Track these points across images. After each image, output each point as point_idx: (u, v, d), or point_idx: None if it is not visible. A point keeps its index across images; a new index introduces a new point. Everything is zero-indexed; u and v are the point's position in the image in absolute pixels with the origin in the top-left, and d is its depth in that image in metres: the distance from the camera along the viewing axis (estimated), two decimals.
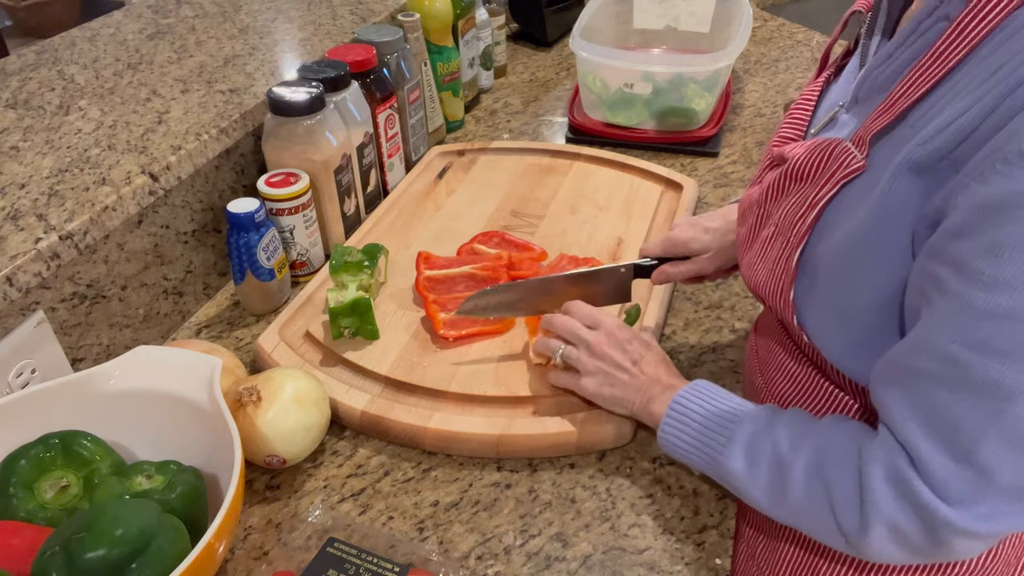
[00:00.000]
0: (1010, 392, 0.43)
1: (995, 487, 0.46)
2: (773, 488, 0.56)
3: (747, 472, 0.57)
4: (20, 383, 0.70)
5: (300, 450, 0.69)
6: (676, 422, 0.62)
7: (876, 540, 0.51)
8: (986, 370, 0.44)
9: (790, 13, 1.97)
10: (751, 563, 0.73)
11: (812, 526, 0.55)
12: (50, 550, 0.51)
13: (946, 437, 0.46)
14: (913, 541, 0.50)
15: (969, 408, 0.45)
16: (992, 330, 0.43)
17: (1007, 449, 0.45)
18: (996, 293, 0.43)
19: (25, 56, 1.07)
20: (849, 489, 0.51)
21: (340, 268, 0.85)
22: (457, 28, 1.25)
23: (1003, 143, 0.42)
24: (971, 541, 0.48)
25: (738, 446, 0.58)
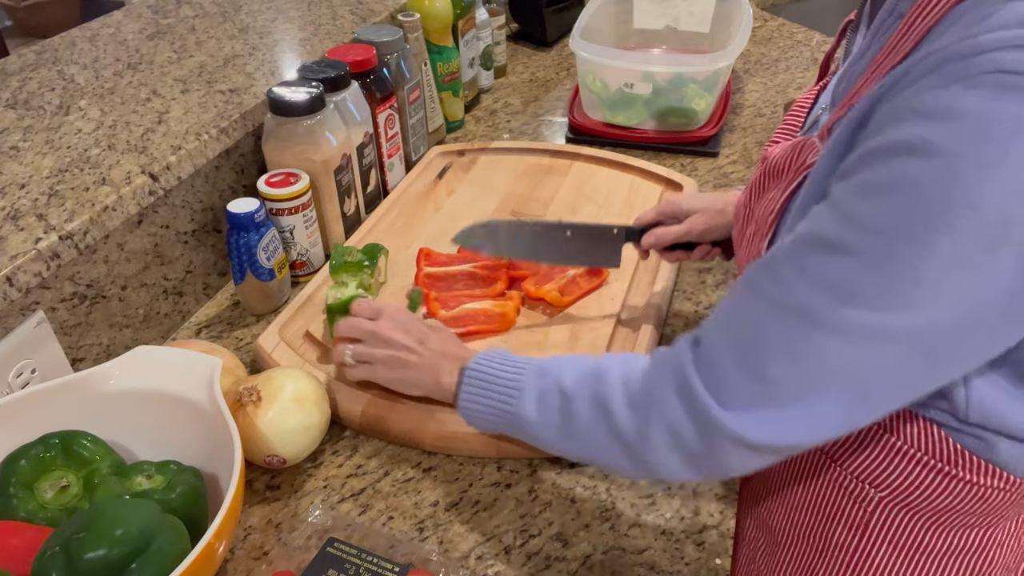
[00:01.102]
0: (817, 321, 0.45)
1: (772, 401, 0.48)
2: (562, 424, 0.58)
3: (539, 417, 0.59)
4: (20, 383, 0.70)
5: (300, 450, 0.69)
6: (471, 389, 0.64)
7: (656, 445, 0.52)
8: (804, 295, 0.46)
9: (790, 13, 1.97)
10: (752, 566, 0.73)
11: (600, 453, 0.57)
12: (50, 550, 0.51)
13: (743, 346, 0.49)
14: (689, 446, 0.51)
15: (775, 325, 0.47)
16: (826, 260, 0.45)
17: (795, 371, 0.47)
18: (846, 228, 0.44)
19: (25, 56, 1.07)
20: (631, 400, 0.54)
21: (340, 268, 0.85)
22: (457, 28, 1.25)
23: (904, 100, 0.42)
24: (740, 449, 0.50)
25: (529, 394, 0.60)
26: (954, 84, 0.40)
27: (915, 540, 0.61)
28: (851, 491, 0.62)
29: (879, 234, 0.43)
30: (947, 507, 0.58)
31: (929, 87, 0.41)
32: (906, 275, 0.42)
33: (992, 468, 0.55)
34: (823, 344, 0.46)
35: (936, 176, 0.40)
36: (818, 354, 0.46)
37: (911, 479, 0.58)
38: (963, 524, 0.60)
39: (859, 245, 0.43)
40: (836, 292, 0.45)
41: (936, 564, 0.61)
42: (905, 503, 0.59)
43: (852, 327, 0.45)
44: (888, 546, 0.62)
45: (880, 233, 0.43)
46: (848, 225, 0.44)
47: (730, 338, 0.50)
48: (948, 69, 0.40)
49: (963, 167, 0.39)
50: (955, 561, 0.61)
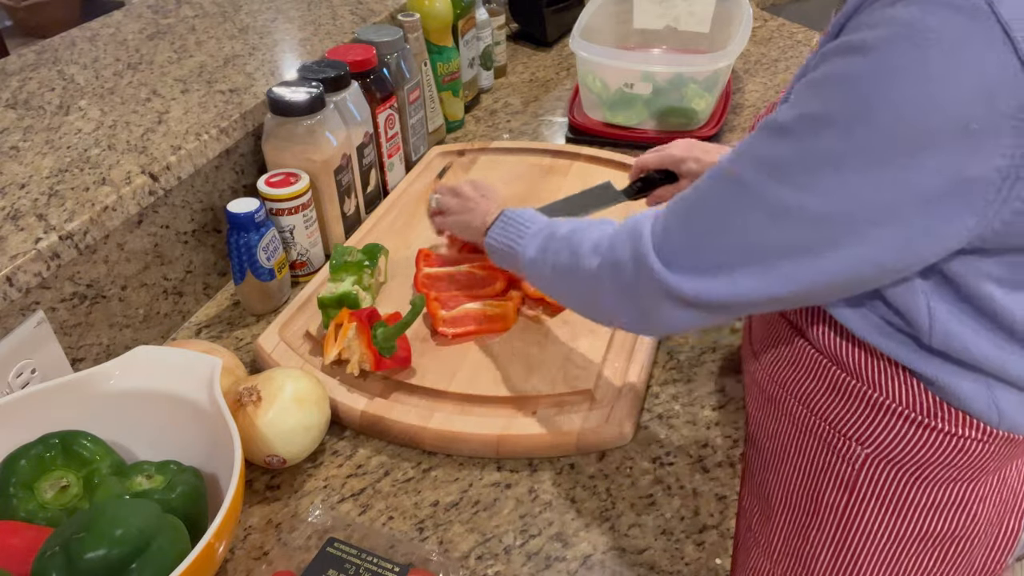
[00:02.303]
0: (746, 191, 0.50)
1: (696, 258, 0.53)
2: (545, 264, 0.67)
3: (534, 255, 0.69)
4: (20, 383, 0.70)
5: (300, 450, 0.69)
6: (498, 227, 0.75)
7: (601, 278, 0.59)
8: (745, 171, 0.50)
9: (790, 13, 1.97)
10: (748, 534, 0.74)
11: (566, 287, 0.66)
12: (50, 550, 0.51)
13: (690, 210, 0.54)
14: (625, 279, 0.57)
15: (714, 190, 0.53)
16: (767, 140, 0.49)
17: (719, 234, 0.52)
18: (788, 113, 0.48)
19: (25, 56, 1.07)
20: (592, 243, 0.61)
21: (340, 268, 0.85)
22: (457, 28, 1.25)
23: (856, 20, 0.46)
24: (672, 304, 0.55)
25: (533, 238, 0.70)
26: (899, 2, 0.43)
27: (901, 496, 0.63)
28: (839, 449, 0.64)
29: (809, 119, 0.46)
30: (929, 460, 0.60)
31: (880, 5, 0.44)
32: (827, 160, 0.46)
33: (966, 418, 0.57)
34: (748, 215, 0.50)
35: (865, 72, 0.43)
36: (743, 224, 0.50)
37: (893, 433, 0.60)
38: (947, 478, 0.61)
39: (792, 127, 0.47)
40: (766, 167, 0.49)
41: (922, 519, 0.63)
42: (890, 458, 0.61)
43: (773, 202, 0.48)
44: (875, 502, 0.64)
45: (810, 118, 0.46)
46: (791, 111, 0.47)
47: (685, 204, 0.55)
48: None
49: (889, 67, 0.42)
50: (940, 515, 0.63)
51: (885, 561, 0.66)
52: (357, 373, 0.76)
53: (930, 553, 0.65)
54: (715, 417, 0.76)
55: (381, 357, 0.76)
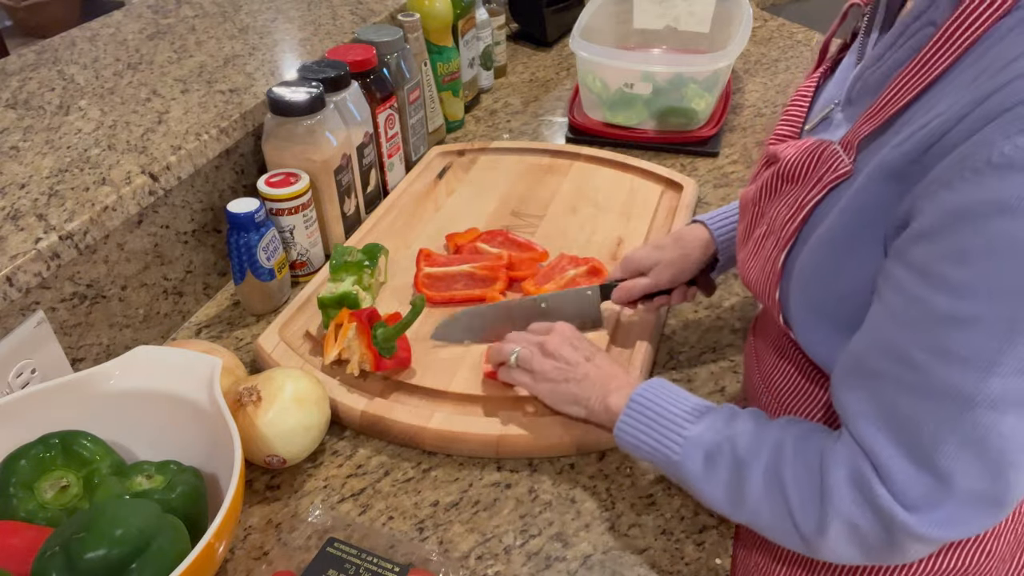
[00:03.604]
0: (968, 398, 0.44)
1: (952, 493, 0.46)
2: (731, 490, 0.56)
3: (704, 473, 0.57)
4: (20, 383, 0.70)
5: (300, 450, 0.69)
6: (635, 418, 0.61)
7: (833, 540, 0.51)
8: (946, 376, 0.44)
9: (790, 13, 1.97)
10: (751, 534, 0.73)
11: (770, 527, 0.55)
12: (50, 550, 0.51)
13: (906, 441, 0.47)
14: (870, 542, 0.50)
15: (929, 413, 0.45)
16: (951, 336, 0.44)
17: (964, 455, 0.45)
18: (959, 299, 0.43)
19: (25, 56, 1.07)
20: (808, 489, 0.51)
21: (340, 268, 0.85)
22: (457, 28, 1.25)
23: (972, 150, 0.42)
24: (925, 545, 0.49)
25: (696, 448, 0.58)
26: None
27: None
28: None
29: (1000, 298, 0.42)
30: None
31: (1001, 135, 0.40)
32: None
33: None
34: (981, 421, 0.44)
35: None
36: (980, 433, 0.44)
37: None
38: None
39: (983, 313, 0.42)
40: (977, 365, 0.43)
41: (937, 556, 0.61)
42: None
43: (1003, 396, 0.43)
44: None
45: (1000, 297, 0.42)
46: (962, 296, 0.43)
47: (885, 433, 0.48)
48: (1016, 113, 0.40)
49: None
50: (955, 553, 0.61)
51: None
52: (357, 373, 0.76)
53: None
54: None
55: (381, 357, 0.76)
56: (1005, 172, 0.40)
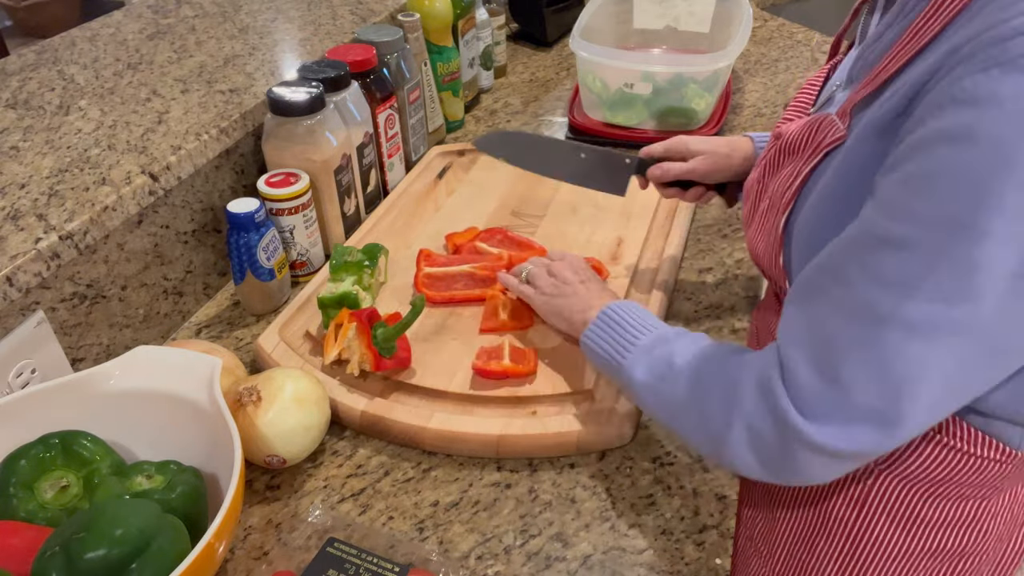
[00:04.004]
0: (882, 318, 0.45)
1: (848, 406, 0.47)
2: (660, 395, 0.60)
3: (644, 379, 0.61)
4: (20, 383, 0.70)
5: (300, 450, 0.69)
6: (599, 327, 0.67)
7: (735, 443, 0.53)
8: (868, 294, 0.46)
9: (790, 13, 1.97)
10: (749, 544, 0.73)
11: (685, 427, 0.58)
12: (50, 550, 0.51)
13: (817, 353, 0.49)
14: (767, 447, 0.52)
15: (842, 327, 0.47)
16: (881, 256, 0.45)
17: (866, 372, 0.46)
18: (895, 221, 0.44)
19: (25, 56, 1.07)
20: (720, 392, 0.54)
21: (340, 268, 0.85)
22: (457, 28, 1.25)
23: (943, 88, 0.43)
24: (816, 457, 0.50)
25: (639, 356, 0.62)
26: (992, 68, 0.40)
27: (913, 512, 0.62)
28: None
29: (931, 224, 0.43)
30: (944, 478, 0.59)
31: (967, 73, 0.42)
32: (963, 263, 0.42)
33: (990, 440, 0.56)
34: (890, 342, 0.45)
35: (981, 160, 0.41)
36: (887, 353, 0.45)
37: (909, 451, 0.59)
38: (959, 496, 0.61)
39: (913, 237, 0.43)
40: (897, 287, 0.44)
41: (933, 535, 0.63)
42: (903, 475, 0.61)
43: (917, 321, 0.44)
44: (886, 518, 0.63)
45: (932, 223, 0.43)
46: (900, 218, 0.44)
47: (802, 342, 0.50)
48: (985, 54, 0.41)
49: (1007, 149, 0.40)
50: (951, 532, 0.63)
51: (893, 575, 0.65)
52: (357, 373, 0.76)
53: (938, 569, 0.64)
54: None
55: (381, 357, 0.76)
56: (962, 105, 0.41)
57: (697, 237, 1.01)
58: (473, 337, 0.83)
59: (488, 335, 0.83)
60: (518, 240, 0.95)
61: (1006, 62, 0.40)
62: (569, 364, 0.79)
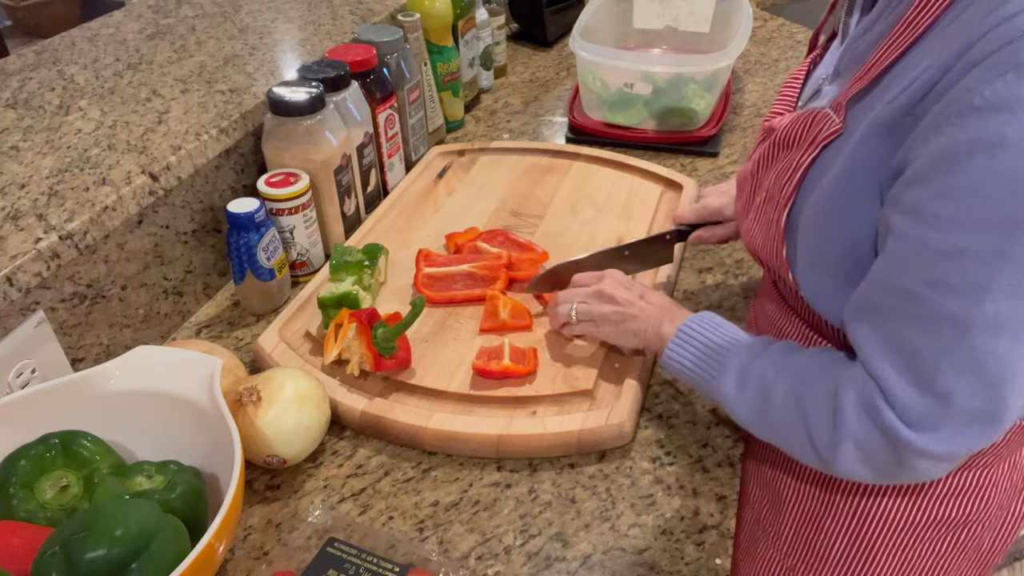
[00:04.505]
0: (964, 323, 0.47)
1: (952, 412, 0.49)
2: (756, 409, 0.61)
3: (736, 395, 0.62)
4: (20, 383, 0.70)
5: (300, 450, 0.69)
6: (681, 345, 0.67)
7: (844, 458, 0.55)
8: (942, 304, 0.47)
9: (790, 13, 1.97)
10: (756, 527, 0.74)
11: (790, 444, 0.59)
12: (50, 550, 0.51)
13: (909, 367, 0.50)
14: (879, 461, 0.54)
15: (927, 340, 0.49)
16: (945, 267, 0.47)
17: (963, 376, 0.48)
18: (948, 234, 0.46)
19: (25, 56, 1.07)
20: (823, 412, 0.55)
21: (340, 268, 0.85)
22: (457, 28, 1.25)
23: (957, 96, 0.44)
24: (930, 462, 0.52)
25: (730, 371, 0.62)
26: (1007, 73, 0.42)
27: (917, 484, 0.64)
28: None
29: (985, 230, 0.45)
30: None
31: (982, 80, 0.43)
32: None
33: None
34: (978, 345, 0.47)
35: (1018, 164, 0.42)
36: (977, 356, 0.47)
37: None
38: (961, 465, 0.63)
39: (973, 246, 0.45)
40: (969, 293, 0.46)
41: (938, 505, 0.65)
42: None
43: (997, 320, 0.46)
44: (891, 491, 0.65)
45: (986, 229, 0.45)
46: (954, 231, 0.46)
47: (890, 361, 0.51)
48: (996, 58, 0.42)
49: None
50: (955, 501, 0.65)
51: (899, 547, 0.67)
52: (357, 373, 0.76)
53: (943, 538, 0.66)
54: (715, 417, 0.76)
55: (381, 357, 0.76)
56: (985, 113, 0.43)
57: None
58: (473, 337, 0.83)
59: (488, 335, 0.83)
60: (519, 242, 0.95)
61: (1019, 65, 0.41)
62: (569, 364, 0.79)
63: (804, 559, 0.71)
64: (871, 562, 0.68)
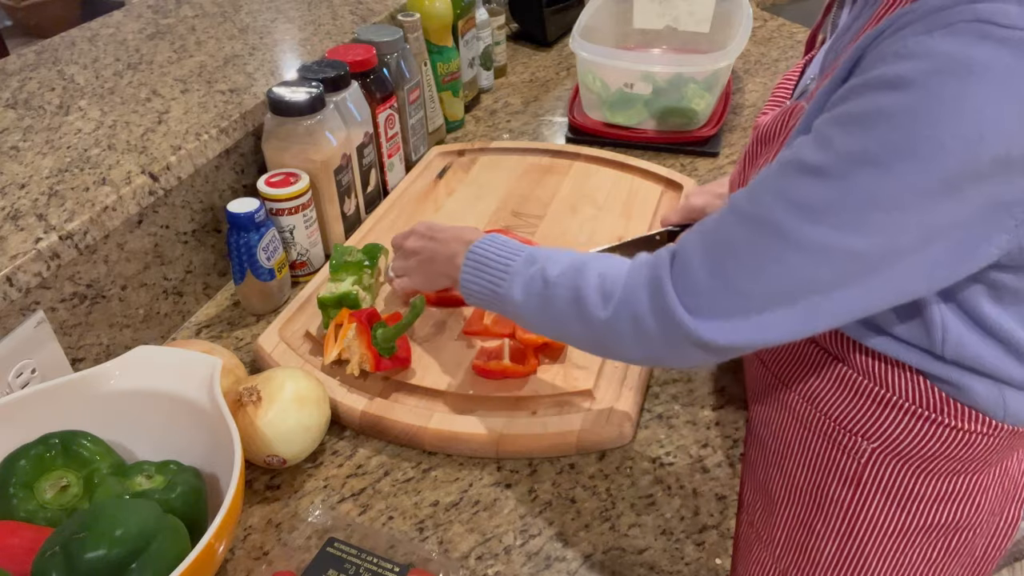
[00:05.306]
0: (783, 235, 0.48)
1: (734, 310, 0.51)
2: (541, 307, 0.62)
3: (523, 299, 0.63)
4: (20, 383, 0.70)
5: (300, 450, 0.69)
6: (470, 269, 0.68)
7: (620, 334, 0.57)
8: (774, 212, 0.49)
9: (790, 13, 1.97)
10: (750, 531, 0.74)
11: (569, 332, 0.61)
12: (50, 550, 0.51)
13: (715, 255, 0.52)
14: (650, 337, 0.55)
15: (746, 238, 0.51)
16: (798, 181, 0.48)
17: (759, 282, 0.50)
18: (819, 151, 0.47)
19: (25, 56, 1.07)
20: (607, 287, 0.57)
21: (340, 268, 0.85)
22: (457, 28, 1.25)
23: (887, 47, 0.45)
24: (696, 349, 0.54)
25: (517, 277, 0.64)
26: (936, 30, 0.42)
27: (907, 489, 0.64)
28: (844, 445, 0.65)
29: (848, 158, 0.45)
30: (935, 454, 0.61)
31: (912, 33, 0.44)
32: (868, 198, 0.45)
33: (974, 413, 0.59)
34: (786, 258, 0.49)
35: (907, 108, 0.43)
36: (781, 268, 0.49)
37: (900, 428, 0.61)
38: (951, 471, 0.63)
39: (829, 168, 0.46)
40: (803, 210, 0.47)
41: (927, 510, 0.64)
42: (896, 453, 0.62)
43: (814, 244, 0.47)
44: (881, 496, 0.65)
45: (849, 157, 0.45)
46: (823, 149, 0.47)
47: (705, 248, 0.53)
48: (932, 18, 0.43)
49: (933, 103, 0.42)
50: (945, 507, 0.64)
51: (890, 553, 0.66)
52: (357, 373, 0.76)
53: (934, 544, 0.66)
54: (715, 417, 0.76)
55: (381, 357, 0.76)
56: (901, 59, 0.44)
57: None
58: (473, 337, 0.83)
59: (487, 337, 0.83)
60: (520, 240, 0.95)
61: (948, 25, 0.42)
62: (569, 364, 0.79)
63: (796, 563, 0.71)
64: (862, 567, 0.67)
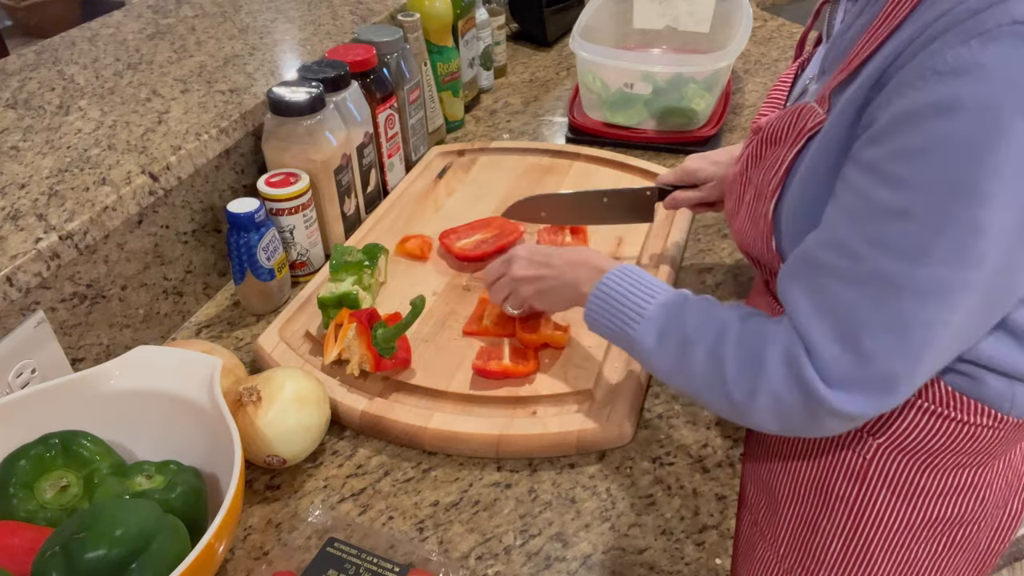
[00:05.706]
0: (896, 285, 0.47)
1: (868, 372, 0.50)
2: (677, 362, 0.60)
3: (656, 348, 0.61)
4: (20, 383, 0.70)
5: (300, 450, 0.69)
6: (600, 302, 0.66)
7: (759, 409, 0.55)
8: (878, 263, 0.48)
9: (790, 13, 1.97)
10: (753, 530, 0.74)
11: (704, 394, 0.60)
12: (50, 550, 0.51)
13: (835, 324, 0.50)
14: (792, 415, 0.54)
15: (858, 298, 0.49)
16: (888, 227, 0.47)
17: (886, 338, 0.49)
18: (896, 192, 0.46)
19: (25, 56, 1.07)
20: (743, 363, 0.56)
21: (340, 268, 0.85)
22: (457, 28, 1.25)
23: (923, 61, 0.45)
24: (839, 421, 0.53)
25: (651, 324, 0.62)
26: (973, 39, 0.42)
27: (912, 483, 0.64)
28: (849, 441, 0.65)
29: (933, 193, 0.45)
30: (940, 448, 0.61)
31: (947, 46, 0.43)
32: (968, 227, 0.44)
33: (980, 407, 0.59)
34: (908, 308, 0.47)
35: (973, 128, 0.42)
36: (906, 319, 0.48)
37: (906, 423, 0.61)
38: (956, 464, 0.63)
39: (917, 207, 0.46)
40: (908, 255, 0.46)
41: (933, 505, 0.65)
42: (901, 447, 0.63)
43: (930, 286, 0.46)
44: (887, 491, 0.65)
45: (934, 192, 0.45)
46: (900, 189, 0.46)
47: (818, 317, 0.51)
48: (963, 27, 0.43)
49: (997, 116, 0.42)
50: (950, 501, 0.65)
51: (896, 547, 0.67)
52: (357, 373, 0.76)
53: (939, 538, 0.67)
54: (715, 417, 0.76)
55: (381, 357, 0.76)
56: (946, 77, 0.43)
57: (697, 237, 1.01)
58: (473, 337, 0.83)
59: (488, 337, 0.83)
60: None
61: (983, 32, 0.42)
62: (569, 364, 0.79)
63: (801, 561, 0.71)
64: (868, 563, 0.68)
